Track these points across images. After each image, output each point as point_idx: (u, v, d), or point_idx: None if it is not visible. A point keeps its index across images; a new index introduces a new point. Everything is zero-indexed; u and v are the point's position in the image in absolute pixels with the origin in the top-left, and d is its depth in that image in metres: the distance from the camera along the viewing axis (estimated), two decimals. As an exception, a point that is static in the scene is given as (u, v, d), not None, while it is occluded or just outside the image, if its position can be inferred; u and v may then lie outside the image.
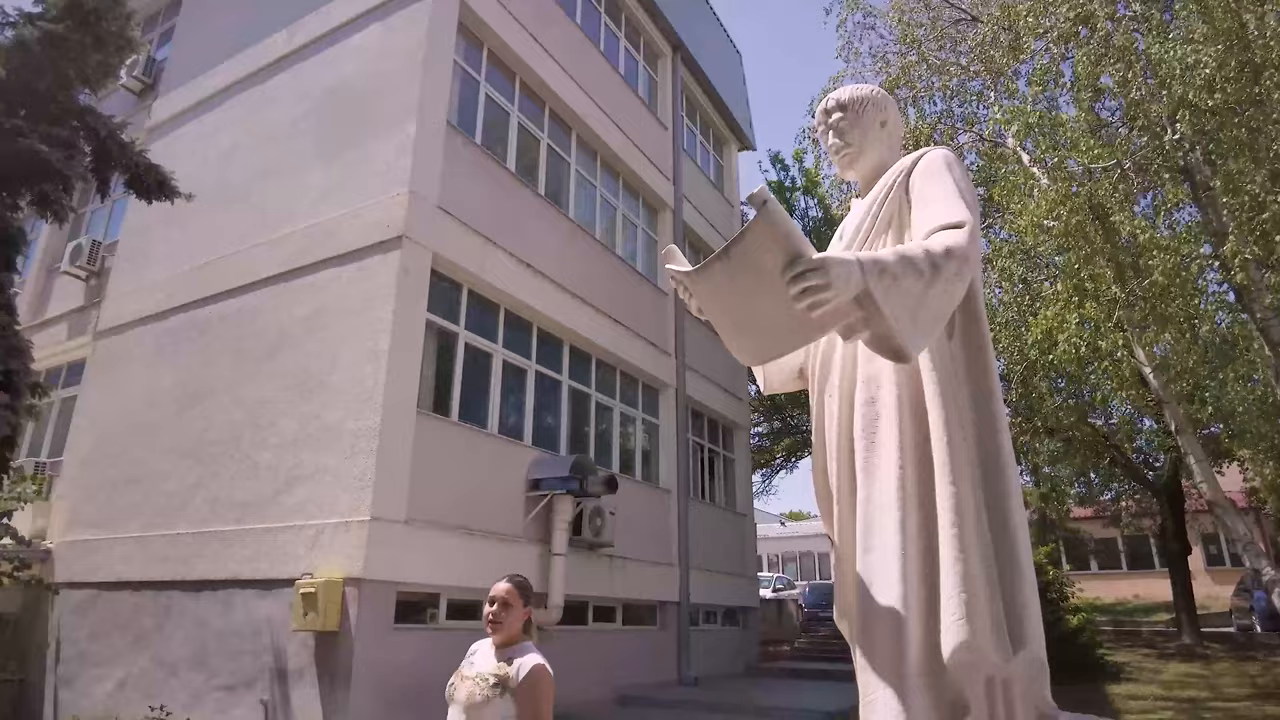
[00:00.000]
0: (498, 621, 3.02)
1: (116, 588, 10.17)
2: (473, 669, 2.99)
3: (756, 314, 2.32)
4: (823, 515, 2.81)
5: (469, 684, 2.92)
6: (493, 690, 2.86)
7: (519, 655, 2.96)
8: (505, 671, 2.90)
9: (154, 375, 11.28)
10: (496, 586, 3.10)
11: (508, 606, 3.04)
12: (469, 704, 2.88)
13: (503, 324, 11.14)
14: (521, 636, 3.07)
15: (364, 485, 8.44)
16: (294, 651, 8.28)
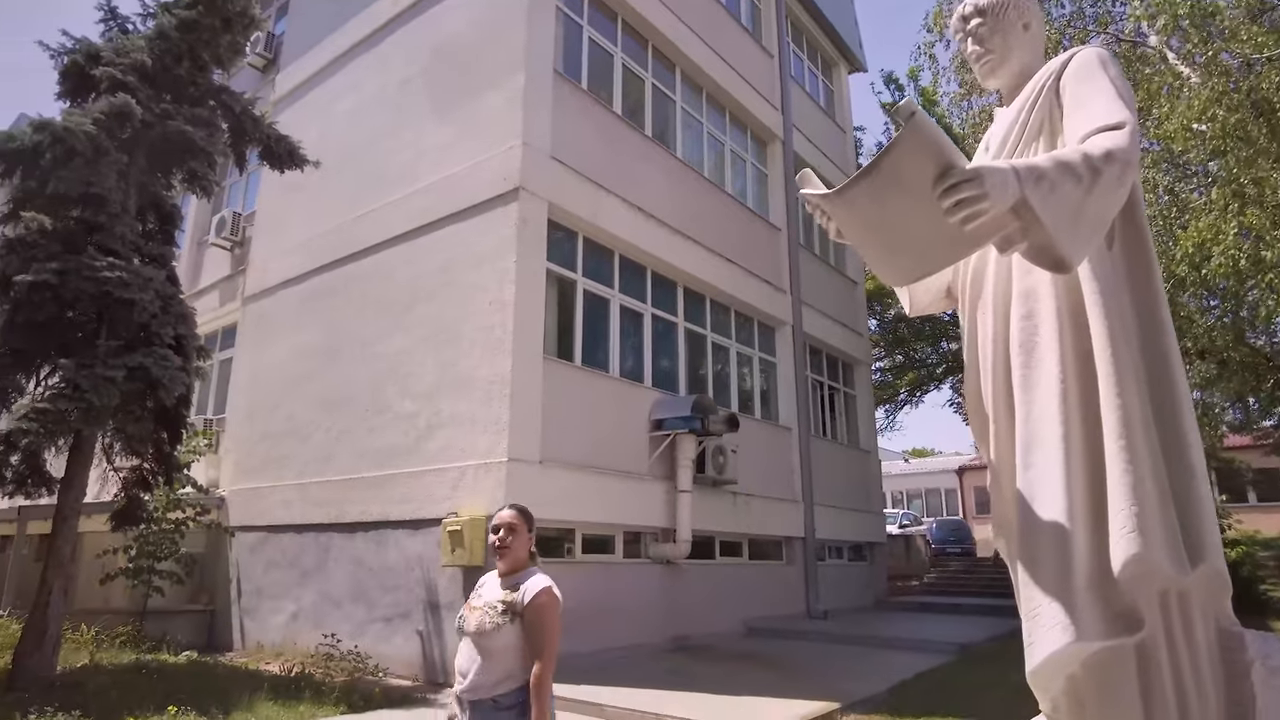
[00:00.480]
0: (505, 548, 2.95)
1: (281, 530, 11.14)
2: (480, 599, 2.93)
3: (904, 232, 2.26)
4: (977, 436, 2.75)
5: (478, 613, 2.86)
6: (501, 617, 2.79)
7: (525, 580, 2.90)
8: (512, 597, 2.84)
9: (299, 334, 12.09)
10: (500, 514, 3.03)
11: (514, 532, 2.97)
12: (478, 632, 2.81)
13: (618, 269, 11.26)
14: (527, 563, 3.01)
15: (500, 429, 8.83)
16: (444, 585, 8.88)
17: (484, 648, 2.78)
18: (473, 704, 2.76)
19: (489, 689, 2.74)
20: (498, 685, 2.74)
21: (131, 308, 8.15)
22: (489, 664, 2.76)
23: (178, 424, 9.37)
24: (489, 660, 2.77)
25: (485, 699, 2.74)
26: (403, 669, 8.94)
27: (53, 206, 8.57)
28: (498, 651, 2.76)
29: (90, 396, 7.62)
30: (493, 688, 2.74)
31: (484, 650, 2.78)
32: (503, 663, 2.75)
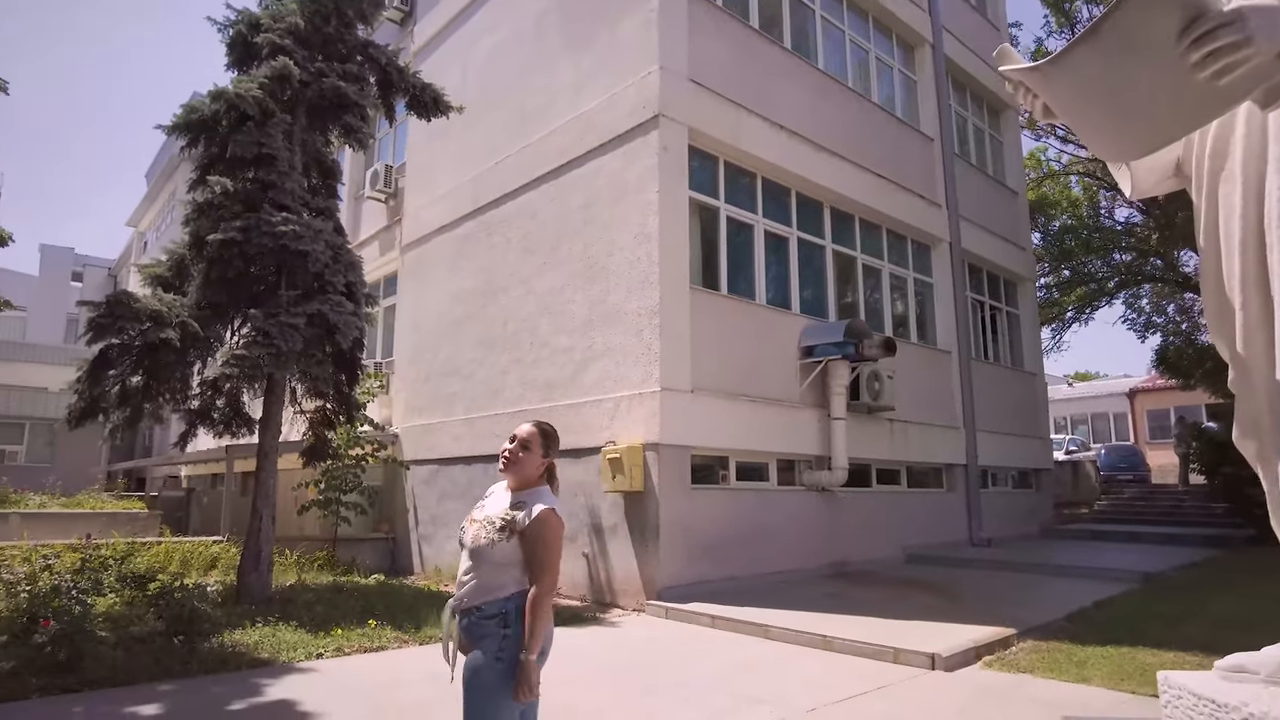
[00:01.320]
0: (513, 460, 2.85)
1: (451, 462, 11.84)
2: (482, 512, 2.85)
3: (1135, 99, 1.98)
4: (1214, 331, 2.44)
5: (475, 526, 2.78)
6: (499, 534, 2.70)
7: (531, 500, 2.78)
8: (513, 515, 2.73)
9: (455, 278, 12.61)
10: (519, 428, 2.93)
11: (526, 448, 2.86)
12: (474, 547, 2.74)
13: (761, 193, 10.94)
14: (538, 482, 2.91)
15: (651, 360, 8.91)
16: (607, 510, 9.17)
17: (478, 560, 2.73)
18: (461, 612, 2.75)
19: (475, 598, 2.71)
20: (482, 594, 2.70)
21: (306, 259, 8.71)
22: (480, 576, 2.72)
23: (354, 366, 10.05)
24: (480, 572, 2.72)
25: (471, 607, 2.71)
26: (571, 589, 9.38)
27: (232, 169, 9.23)
28: (490, 566, 2.70)
29: (278, 342, 8.27)
30: (478, 597, 2.70)
31: (478, 562, 2.73)
32: (493, 576, 2.70)
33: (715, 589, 8.66)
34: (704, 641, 7.12)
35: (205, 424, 9.59)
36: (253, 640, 6.54)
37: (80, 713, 4.73)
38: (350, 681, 5.55)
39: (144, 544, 11.18)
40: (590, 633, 7.48)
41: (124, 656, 5.85)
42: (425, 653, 6.52)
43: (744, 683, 5.58)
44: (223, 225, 8.59)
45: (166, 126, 9.18)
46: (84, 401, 8.33)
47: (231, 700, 4.98)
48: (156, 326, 8.18)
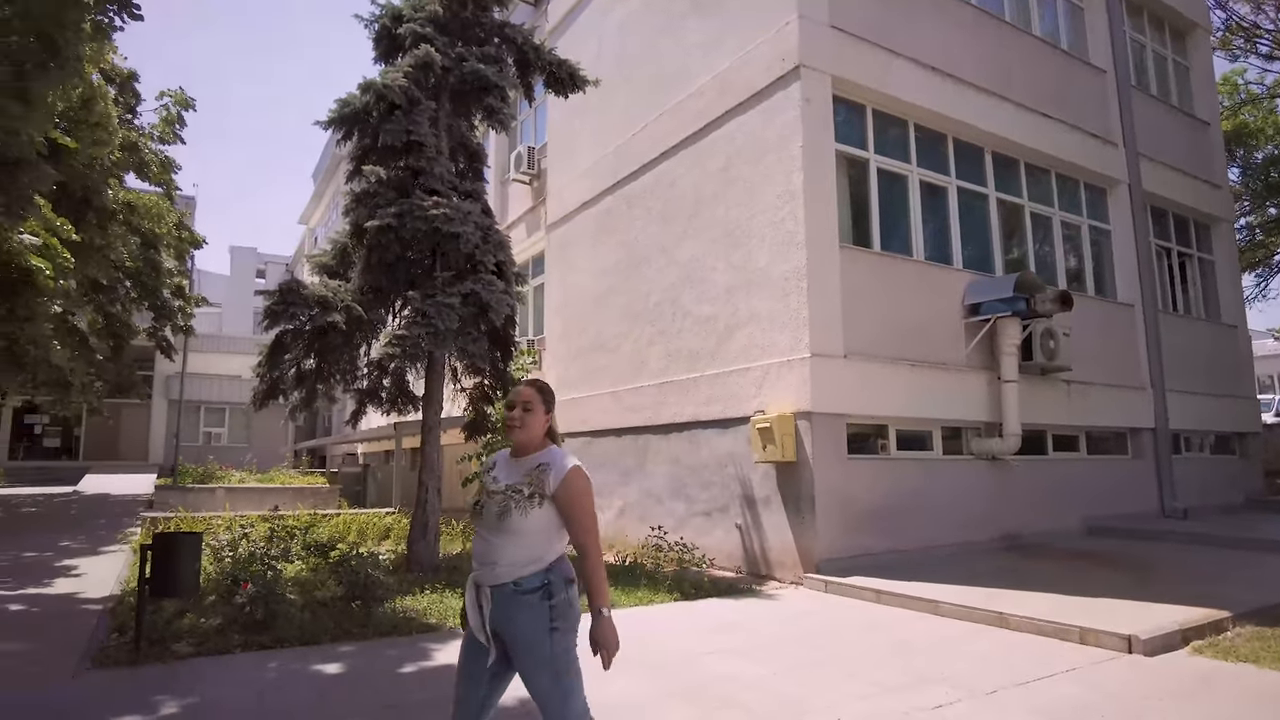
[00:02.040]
0: (519, 425, 2.70)
1: (602, 434, 11.99)
2: (499, 483, 2.69)
3: None
4: None
5: (499, 499, 2.63)
6: (527, 501, 2.58)
7: (549, 461, 2.66)
8: (538, 479, 2.61)
9: (598, 253, 12.69)
10: (517, 390, 2.78)
11: (529, 409, 2.72)
12: (503, 520, 2.59)
13: (914, 141, 10.24)
14: (545, 443, 2.75)
15: (800, 324, 8.57)
16: (758, 481, 8.96)
17: (507, 531, 2.58)
18: (494, 589, 2.60)
19: (511, 573, 2.58)
20: (518, 569, 2.58)
21: (457, 240, 8.98)
22: (511, 548, 2.58)
23: (507, 343, 10.33)
24: (511, 545, 2.59)
25: (506, 583, 2.58)
26: (725, 560, 9.27)
27: (384, 158, 9.63)
28: (521, 535, 2.58)
29: (436, 322, 8.59)
30: (513, 571, 2.58)
31: (507, 534, 2.59)
32: (526, 547, 2.58)
33: (877, 562, 8.28)
34: (868, 616, 6.80)
35: (374, 402, 10.17)
36: (422, 606, 6.85)
37: (274, 668, 5.09)
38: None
39: (325, 515, 12.06)
40: (747, 604, 7.33)
41: (309, 618, 6.27)
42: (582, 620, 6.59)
43: (915, 660, 5.26)
44: (379, 212, 8.99)
45: (324, 122, 9.68)
46: (265, 384, 9.01)
47: (404, 663, 5.21)
48: (324, 311, 8.69)
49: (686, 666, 5.13)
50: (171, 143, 19.62)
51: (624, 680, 4.77)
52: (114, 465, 28.07)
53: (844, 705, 4.32)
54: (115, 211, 16.62)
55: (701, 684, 4.74)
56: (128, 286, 19.42)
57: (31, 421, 28.99)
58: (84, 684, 4.82)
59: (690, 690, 4.61)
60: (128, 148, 17.35)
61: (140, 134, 18.81)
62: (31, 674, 4.98)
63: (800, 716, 4.18)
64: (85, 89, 12.49)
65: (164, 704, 4.36)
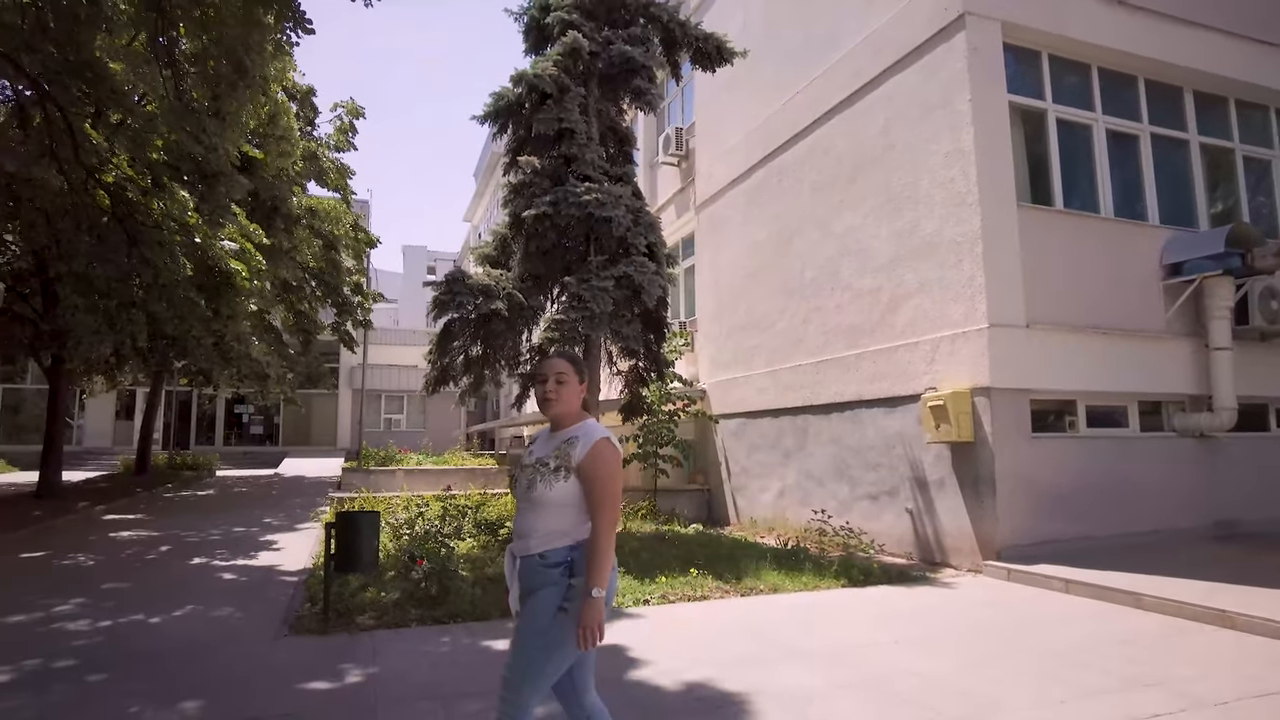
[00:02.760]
0: (552, 398, 2.63)
1: (759, 415, 11.74)
2: (533, 456, 2.66)
3: None
4: None
5: (529, 471, 2.61)
6: (554, 474, 2.54)
7: (580, 434, 2.59)
8: (566, 452, 2.56)
9: (749, 230, 12.41)
10: (548, 362, 2.69)
11: (561, 382, 2.64)
12: (530, 493, 2.57)
13: (1098, 85, 9.23)
14: (582, 415, 2.69)
15: (974, 293, 7.96)
16: (931, 462, 8.44)
17: (536, 504, 2.56)
18: (522, 559, 2.59)
19: (540, 545, 2.55)
20: (545, 541, 2.54)
21: (610, 224, 9.03)
22: (540, 521, 2.56)
23: (660, 325, 10.32)
24: (540, 517, 2.56)
25: (533, 554, 2.55)
26: (894, 546, 8.82)
27: (538, 148, 9.82)
28: (549, 508, 2.55)
29: (591, 305, 8.68)
30: (541, 544, 2.55)
31: (537, 509, 2.56)
32: (554, 520, 2.55)
33: (1066, 549, 7.58)
34: (1058, 608, 6.23)
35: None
36: (587, 585, 6.94)
37: (447, 642, 5.30)
38: (675, 629, 5.63)
39: (494, 495, 12.58)
40: (921, 593, 6.91)
41: (480, 594, 6.49)
42: (747, 605, 6.44)
43: (1119, 659, 4.72)
44: (535, 201, 9.19)
45: (479, 116, 9.98)
46: (436, 370, 9.47)
47: (571, 641, 5.27)
48: (487, 299, 9.00)
49: (858, 657, 4.87)
50: (345, 150, 21.07)
51: (791, 668, 4.60)
52: (308, 450, 30.86)
53: (1043, 710, 3.91)
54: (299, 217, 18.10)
55: (876, 676, 4.47)
56: (313, 285, 21.11)
57: (240, 411, 32.35)
58: (283, 648, 5.21)
59: (864, 683, 4.35)
60: (308, 157, 18.79)
61: (319, 144, 20.33)
62: (244, 635, 5.46)
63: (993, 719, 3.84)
64: (271, 106, 13.56)
65: (349, 672, 4.62)
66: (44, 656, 4.98)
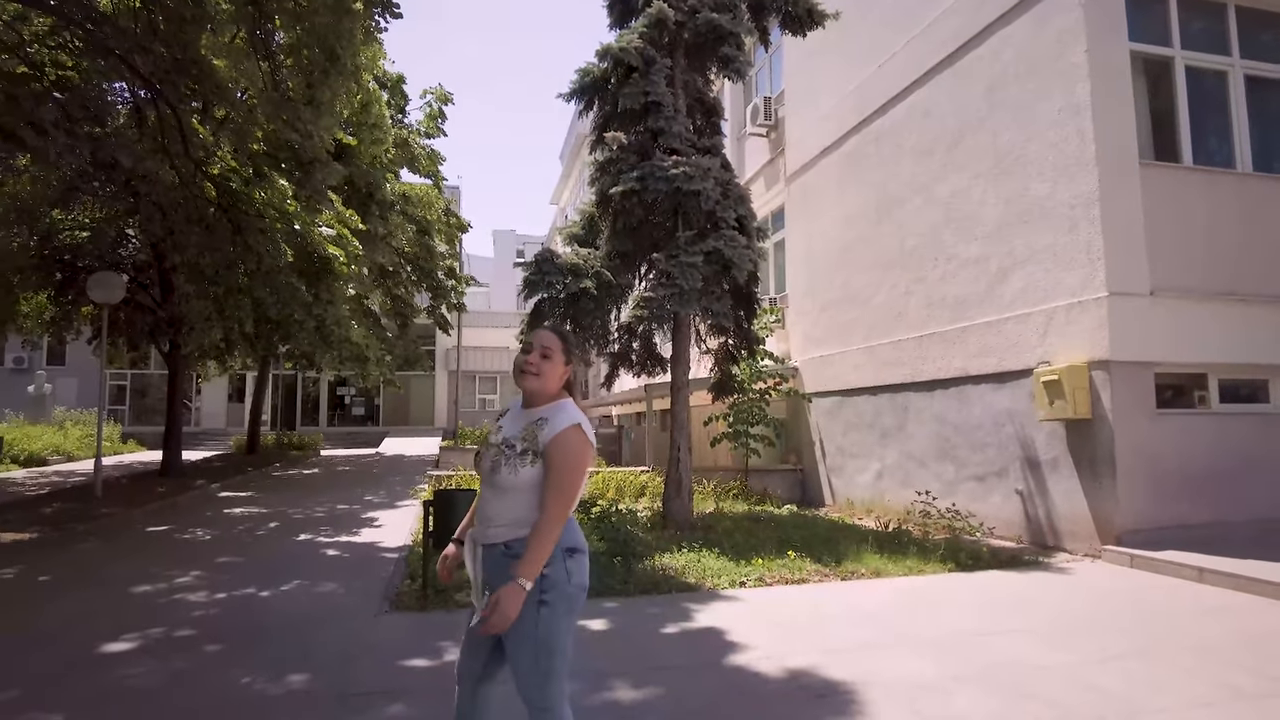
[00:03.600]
0: (531, 370, 2.40)
1: (854, 393, 11.35)
2: (498, 434, 2.45)
3: None
4: None
5: (492, 452, 2.40)
6: (519, 457, 2.32)
7: (553, 415, 2.37)
8: (534, 433, 2.34)
9: (843, 200, 11.95)
10: (536, 333, 2.49)
11: (546, 357, 2.42)
12: (494, 476, 2.34)
13: (1234, 26, 8.39)
14: (560, 395, 2.47)
15: (1092, 259, 7.40)
16: (1043, 441, 7.94)
17: (499, 488, 2.34)
18: (484, 548, 2.36)
19: (504, 534, 2.33)
20: (511, 530, 2.32)
21: (698, 197, 8.80)
22: (504, 507, 2.34)
23: (751, 301, 10.05)
24: (505, 504, 2.34)
25: (496, 544, 2.34)
26: (1003, 529, 8.37)
27: (624, 123, 9.66)
28: (513, 494, 2.32)
29: (679, 282, 8.50)
30: (505, 532, 2.33)
31: (499, 491, 2.35)
32: (519, 507, 2.32)
33: (1194, 535, 6.99)
34: (1192, 599, 5.75)
35: (625, 365, 10.39)
36: (680, 565, 6.84)
37: (545, 622, 5.27)
38: (774, 613, 5.45)
39: (586, 475, 12.61)
40: (1036, 579, 6.51)
41: (576, 574, 6.47)
42: (848, 589, 6.20)
43: (1272, 659, 4.28)
44: (621, 177, 9.04)
45: (565, 94, 9.88)
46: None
47: (665, 623, 5.16)
48: (576, 278, 8.92)
49: (972, 646, 4.58)
50: (435, 136, 21.46)
51: (899, 656, 4.36)
52: (407, 430, 31.90)
53: (1189, 712, 3.57)
54: (393, 203, 18.54)
55: (993, 667, 4.19)
56: (408, 270, 21.66)
57: (342, 393, 33.71)
58: (384, 624, 5.30)
59: (980, 675, 4.08)
60: (399, 144, 19.20)
61: (410, 131, 20.75)
62: (347, 611, 5.58)
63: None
64: (363, 94, 13.86)
65: (446, 650, 4.64)
66: (167, 626, 5.21)
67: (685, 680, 4.07)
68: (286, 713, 3.72)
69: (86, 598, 6.08)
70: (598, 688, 3.96)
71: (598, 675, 4.13)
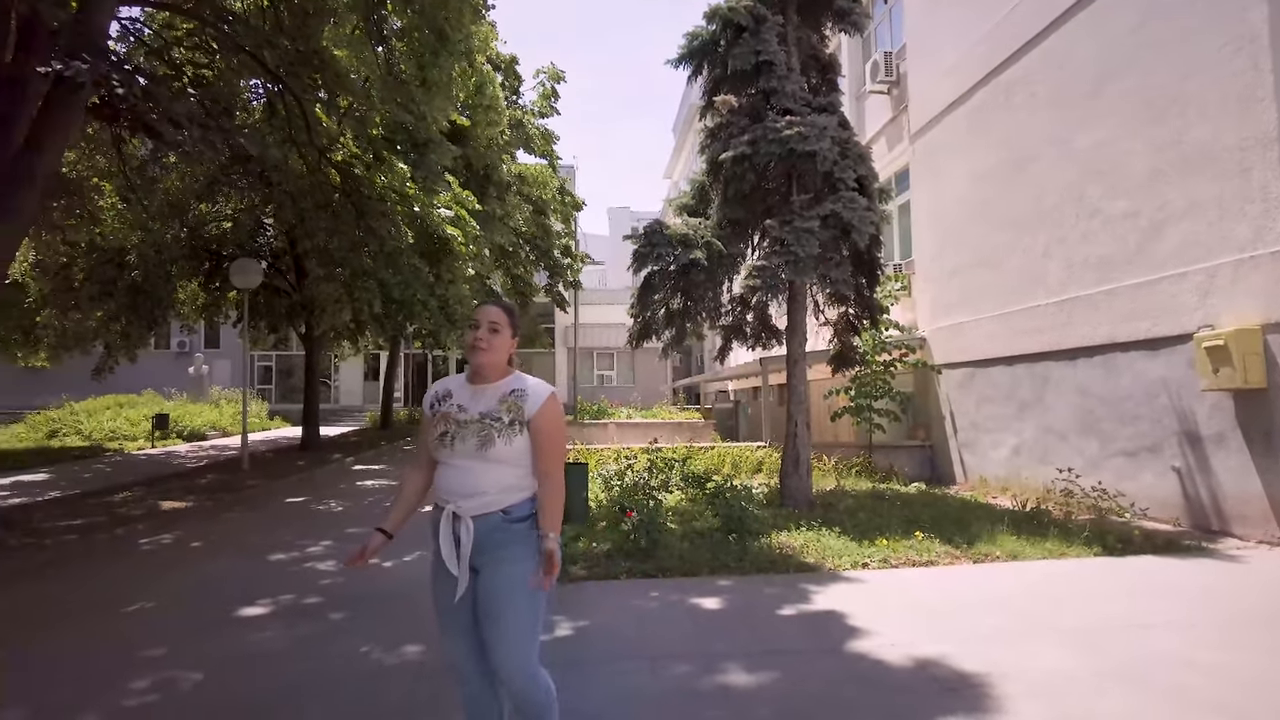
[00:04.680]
0: (482, 346, 2.51)
1: (989, 364, 10.63)
2: (466, 412, 2.50)
3: None
4: None
5: (475, 427, 2.46)
6: (509, 429, 2.45)
7: (525, 387, 2.53)
8: (518, 405, 2.49)
9: (973, 156, 11.16)
10: (482, 310, 2.60)
11: (495, 331, 2.55)
12: (486, 449, 2.42)
13: None
14: (509, 369, 2.61)
15: (1268, 208, 6.53)
16: (1205, 414, 7.15)
17: (492, 460, 2.44)
18: (477, 519, 2.43)
19: (502, 500, 2.45)
20: (505, 497, 2.46)
21: (813, 159, 8.39)
22: (495, 477, 2.45)
23: (873, 267, 9.55)
24: (495, 473, 2.45)
25: (491, 513, 2.44)
26: (1157, 510, 7.62)
27: (735, 85, 9.32)
28: (507, 464, 2.45)
29: (794, 249, 8.15)
30: (501, 499, 2.45)
31: (491, 463, 2.44)
32: (510, 475, 2.47)
33: None
34: (1396, 592, 5.02)
35: (738, 338, 10.14)
36: (798, 543, 6.59)
37: (655, 597, 5.17)
38: (899, 598, 5.13)
39: (700, 449, 12.48)
40: (1197, 567, 5.86)
41: (688, 548, 6.35)
42: (981, 573, 5.78)
43: None
44: (732, 143, 8.74)
45: (673, 60, 9.64)
46: (638, 324, 9.39)
47: (781, 604, 4.95)
48: (686, 249, 8.72)
49: (1122, 639, 4.14)
50: (549, 115, 21.63)
51: (1039, 648, 3.98)
52: (529, 406, 32.76)
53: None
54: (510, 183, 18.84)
55: (1149, 665, 3.76)
56: (526, 250, 22.03)
57: (469, 370, 35.03)
58: (501, 599, 5.34)
59: (1134, 672, 3.66)
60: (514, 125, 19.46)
61: (524, 112, 21.00)
62: (463, 586, 5.66)
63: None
64: (477, 76, 14.05)
65: (559, 624, 4.61)
66: (296, 593, 5.45)
67: (802, 666, 3.86)
68: (399, 683, 3.77)
69: (229, 563, 6.48)
70: (708, 670, 3.81)
71: (709, 657, 3.98)
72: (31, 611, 5.24)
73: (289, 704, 3.55)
